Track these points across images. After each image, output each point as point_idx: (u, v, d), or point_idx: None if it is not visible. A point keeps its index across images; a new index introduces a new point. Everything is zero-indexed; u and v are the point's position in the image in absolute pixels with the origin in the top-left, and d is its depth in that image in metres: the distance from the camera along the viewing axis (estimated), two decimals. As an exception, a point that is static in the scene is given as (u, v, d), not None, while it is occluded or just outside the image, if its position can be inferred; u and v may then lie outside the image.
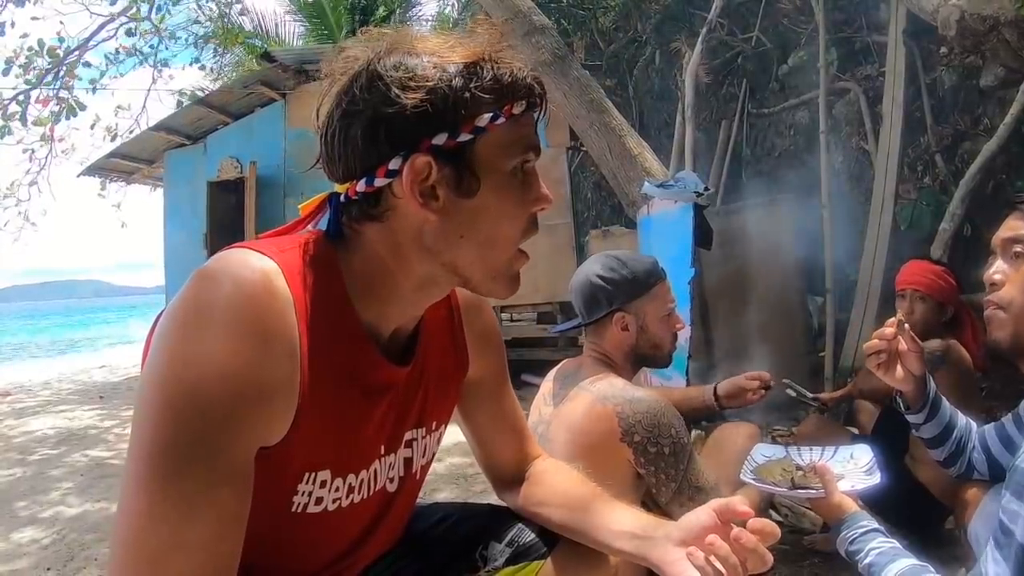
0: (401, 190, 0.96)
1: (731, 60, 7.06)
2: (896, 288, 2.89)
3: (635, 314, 2.04)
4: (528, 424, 1.51)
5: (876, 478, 1.71)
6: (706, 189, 3.69)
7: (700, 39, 6.41)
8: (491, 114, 0.96)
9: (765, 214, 5.52)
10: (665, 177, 4.78)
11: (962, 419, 1.83)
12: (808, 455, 1.92)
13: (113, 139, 10.50)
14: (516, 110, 0.99)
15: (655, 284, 2.06)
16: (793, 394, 3.13)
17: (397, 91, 0.93)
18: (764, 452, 1.95)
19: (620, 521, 1.21)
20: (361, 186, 0.97)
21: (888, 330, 1.72)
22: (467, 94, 0.95)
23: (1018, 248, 1.40)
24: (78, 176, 10.81)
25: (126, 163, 10.64)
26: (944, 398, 1.81)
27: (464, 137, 0.95)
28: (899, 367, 1.73)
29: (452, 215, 0.98)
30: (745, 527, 1.00)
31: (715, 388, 2.43)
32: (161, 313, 0.93)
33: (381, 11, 14.27)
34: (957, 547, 2.53)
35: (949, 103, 5.52)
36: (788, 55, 6.66)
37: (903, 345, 1.71)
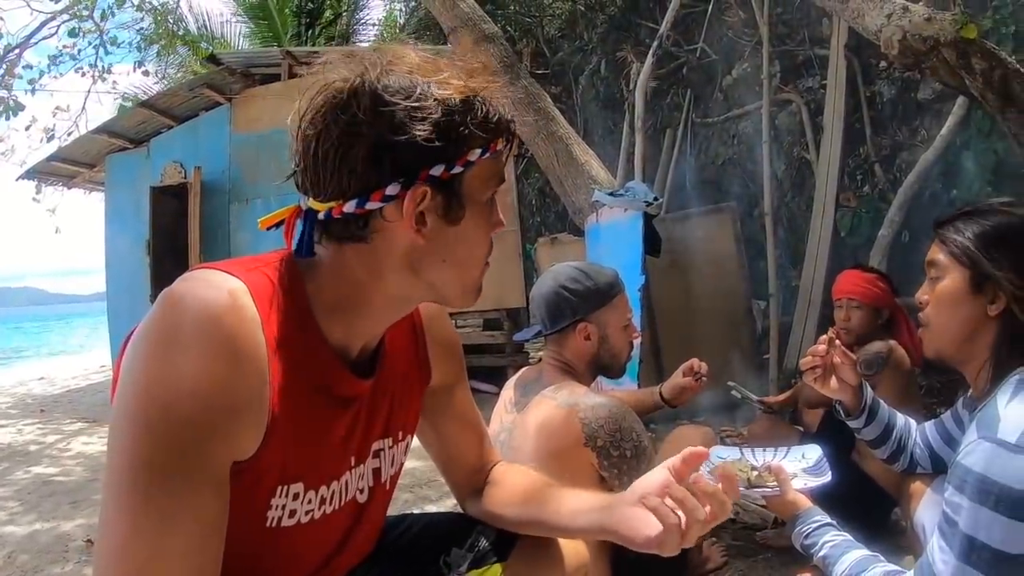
0: (393, 214, 0.99)
1: (676, 70, 7.16)
2: (833, 297, 3.04)
3: (597, 324, 2.10)
4: (489, 432, 1.53)
5: (827, 476, 1.81)
6: (656, 199, 3.76)
7: (651, 51, 6.49)
8: (481, 150, 1.02)
9: (710, 221, 5.63)
10: (611, 185, 4.85)
11: (901, 419, 1.92)
12: (762, 456, 2.02)
13: (50, 141, 10.23)
14: (500, 147, 1.06)
15: (616, 295, 2.14)
16: (738, 396, 3.21)
17: (406, 120, 0.95)
18: (720, 454, 2.03)
19: (577, 502, 1.25)
20: (350, 207, 0.98)
21: (820, 347, 1.83)
22: (465, 130, 0.99)
23: (932, 272, 1.51)
24: (17, 179, 10.51)
25: (67, 167, 10.37)
26: (882, 401, 1.90)
27: (457, 169, 1.00)
28: (834, 379, 1.83)
29: (437, 240, 1.02)
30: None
31: (660, 391, 2.48)
32: (129, 337, 0.95)
33: (328, 14, 14.17)
34: (903, 536, 2.64)
35: (888, 115, 5.69)
36: (732, 66, 6.79)
37: (836, 358, 1.81)
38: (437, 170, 0.98)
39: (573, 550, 1.44)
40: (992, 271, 1.37)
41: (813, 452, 2.01)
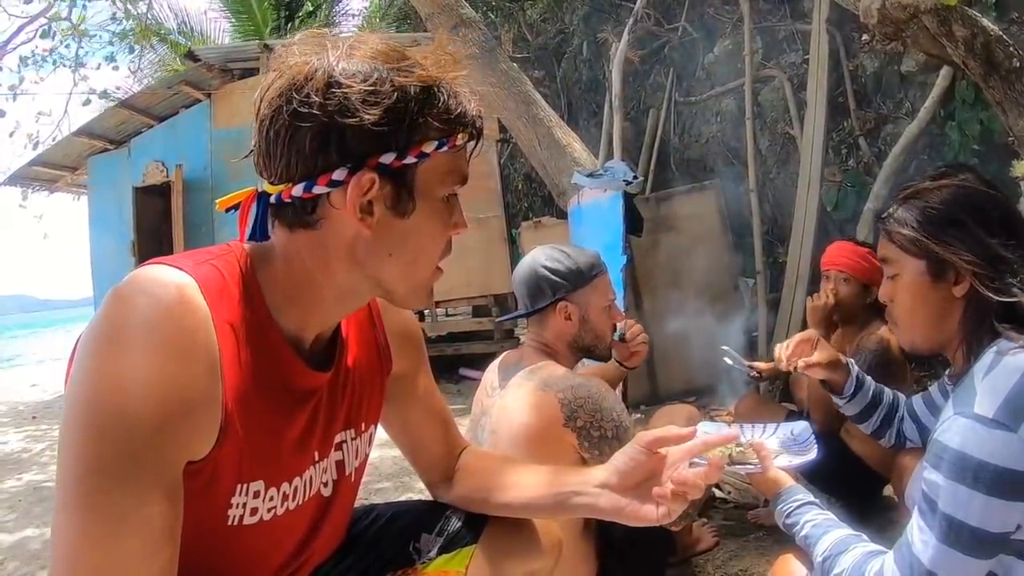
0: (340, 201, 0.96)
1: (658, 50, 7.13)
2: (821, 268, 2.93)
3: (578, 304, 2.08)
4: (471, 416, 1.51)
5: (813, 453, 1.76)
6: (635, 177, 3.73)
7: (626, 30, 6.45)
8: (437, 142, 0.98)
9: (694, 200, 5.60)
10: (595, 167, 4.82)
11: (888, 393, 1.89)
12: (750, 432, 1.97)
13: (35, 147, 10.12)
14: (459, 141, 1.02)
15: (597, 276, 2.12)
16: (730, 362, 3.18)
17: (357, 104, 0.92)
18: (707, 429, 1.97)
19: (546, 480, 1.26)
20: (298, 191, 0.95)
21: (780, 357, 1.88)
22: (421, 119, 0.96)
23: (888, 271, 1.47)
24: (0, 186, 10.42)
25: (48, 171, 10.28)
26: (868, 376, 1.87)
27: (410, 160, 0.97)
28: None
29: (384, 232, 0.99)
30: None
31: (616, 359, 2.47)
32: (81, 334, 0.92)
33: (308, 6, 14.08)
34: (894, 512, 2.62)
35: (871, 88, 5.67)
36: (714, 44, 6.75)
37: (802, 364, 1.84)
38: (387, 158, 0.95)
39: (545, 528, 1.43)
40: (947, 255, 1.32)
41: (802, 429, 1.96)
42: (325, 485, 1.15)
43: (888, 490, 2.70)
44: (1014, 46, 3.14)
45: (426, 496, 1.51)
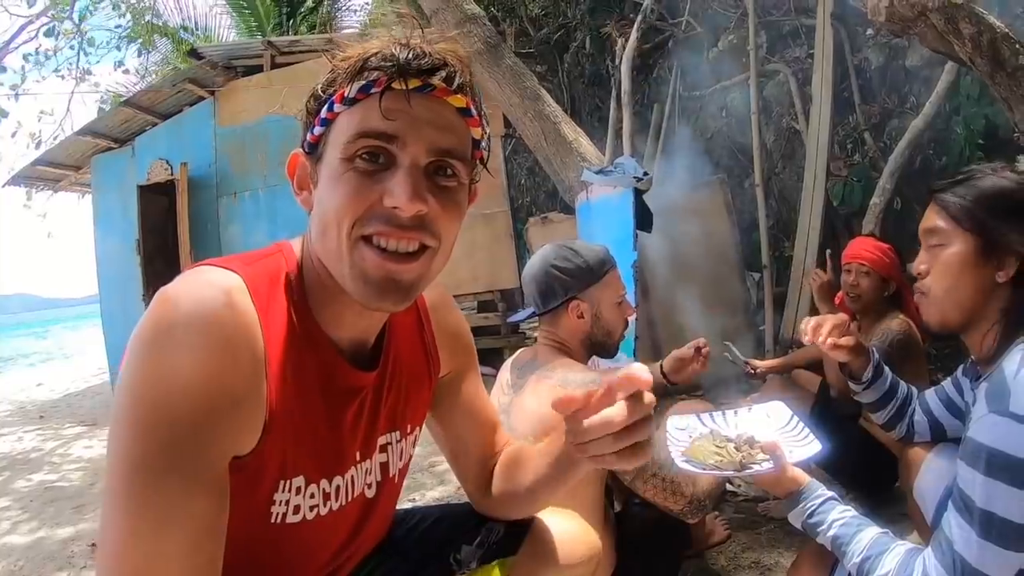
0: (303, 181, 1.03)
1: (662, 44, 7.12)
2: (842, 262, 3.03)
3: (590, 302, 2.07)
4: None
5: (815, 447, 1.64)
6: (645, 174, 3.72)
7: (635, 26, 6.44)
8: (327, 104, 0.97)
9: (701, 194, 5.60)
10: (600, 162, 4.81)
11: (904, 387, 1.89)
12: (722, 419, 1.85)
13: (38, 146, 10.12)
14: (350, 93, 0.94)
15: (608, 272, 2.10)
16: (730, 357, 3.23)
17: (326, 84, 0.98)
18: (678, 424, 1.85)
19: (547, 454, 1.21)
20: (307, 146, 1.02)
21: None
22: (328, 88, 0.97)
23: (932, 240, 1.46)
24: (3, 186, 10.41)
25: (52, 170, 10.24)
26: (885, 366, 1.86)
27: (317, 130, 0.98)
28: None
29: (314, 208, 1.00)
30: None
31: (661, 366, 2.46)
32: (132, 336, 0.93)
33: (309, 2, 14.05)
34: (903, 505, 2.63)
35: (876, 83, 5.68)
36: (718, 39, 6.75)
37: (830, 343, 1.75)
38: (324, 111, 0.97)
39: (585, 534, 1.43)
40: (1002, 236, 1.33)
41: (778, 410, 1.83)
42: (369, 487, 1.16)
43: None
44: (1020, 43, 3.16)
45: (436, 494, 1.50)
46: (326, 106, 0.96)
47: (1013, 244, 1.33)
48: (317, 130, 0.97)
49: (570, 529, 1.42)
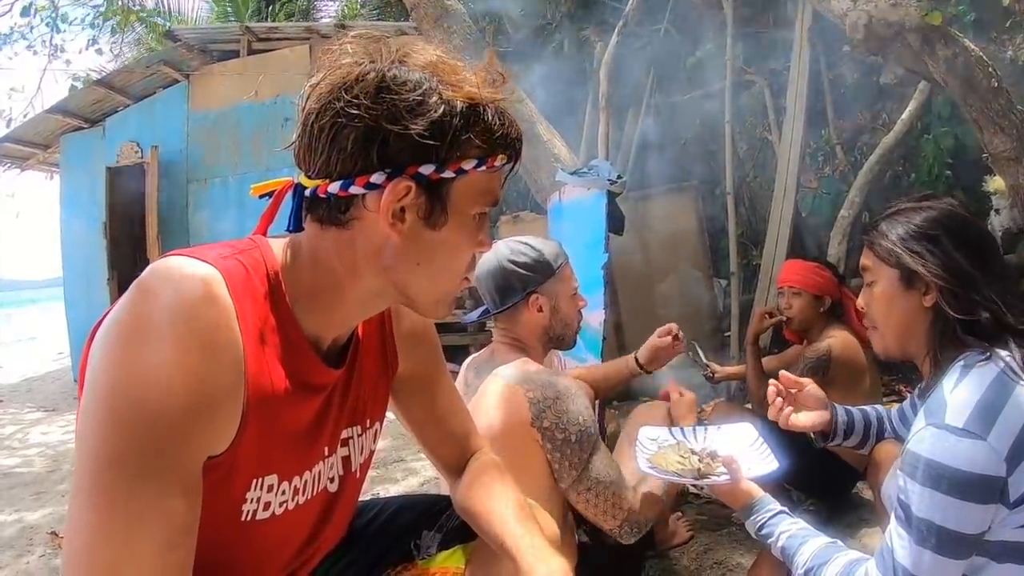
0: (374, 204, 0.97)
1: (640, 50, 7.15)
2: (777, 287, 3.16)
3: (548, 295, 2.08)
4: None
5: (773, 465, 1.77)
6: (619, 177, 3.74)
7: (616, 30, 6.47)
8: (477, 161, 0.99)
9: (672, 200, 5.65)
10: (574, 163, 4.84)
11: (870, 412, 1.89)
12: (692, 435, 1.97)
13: (8, 124, 9.90)
14: (498, 163, 1.03)
15: (562, 265, 2.12)
16: (692, 356, 3.30)
17: (404, 112, 0.94)
18: (650, 435, 1.97)
19: (500, 524, 1.25)
20: (335, 188, 0.97)
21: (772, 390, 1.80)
22: (464, 136, 0.97)
23: (867, 278, 1.54)
24: (-31, 162, 10.17)
25: (19, 148, 10.02)
26: (842, 408, 1.86)
27: (448, 174, 0.98)
28: (802, 412, 1.79)
29: (414, 241, 1.00)
30: None
31: (635, 357, 2.48)
32: (99, 324, 0.91)
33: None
34: (864, 510, 2.69)
35: (850, 98, 5.77)
36: (696, 47, 6.79)
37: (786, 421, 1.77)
38: (427, 169, 0.96)
39: (544, 524, 1.44)
40: (915, 265, 1.39)
41: (746, 431, 1.97)
42: (332, 481, 1.17)
43: (858, 487, 2.77)
44: (993, 67, 3.24)
45: (402, 487, 1.52)
46: (475, 163, 0.99)
47: (926, 271, 1.38)
48: (448, 174, 0.98)
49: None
